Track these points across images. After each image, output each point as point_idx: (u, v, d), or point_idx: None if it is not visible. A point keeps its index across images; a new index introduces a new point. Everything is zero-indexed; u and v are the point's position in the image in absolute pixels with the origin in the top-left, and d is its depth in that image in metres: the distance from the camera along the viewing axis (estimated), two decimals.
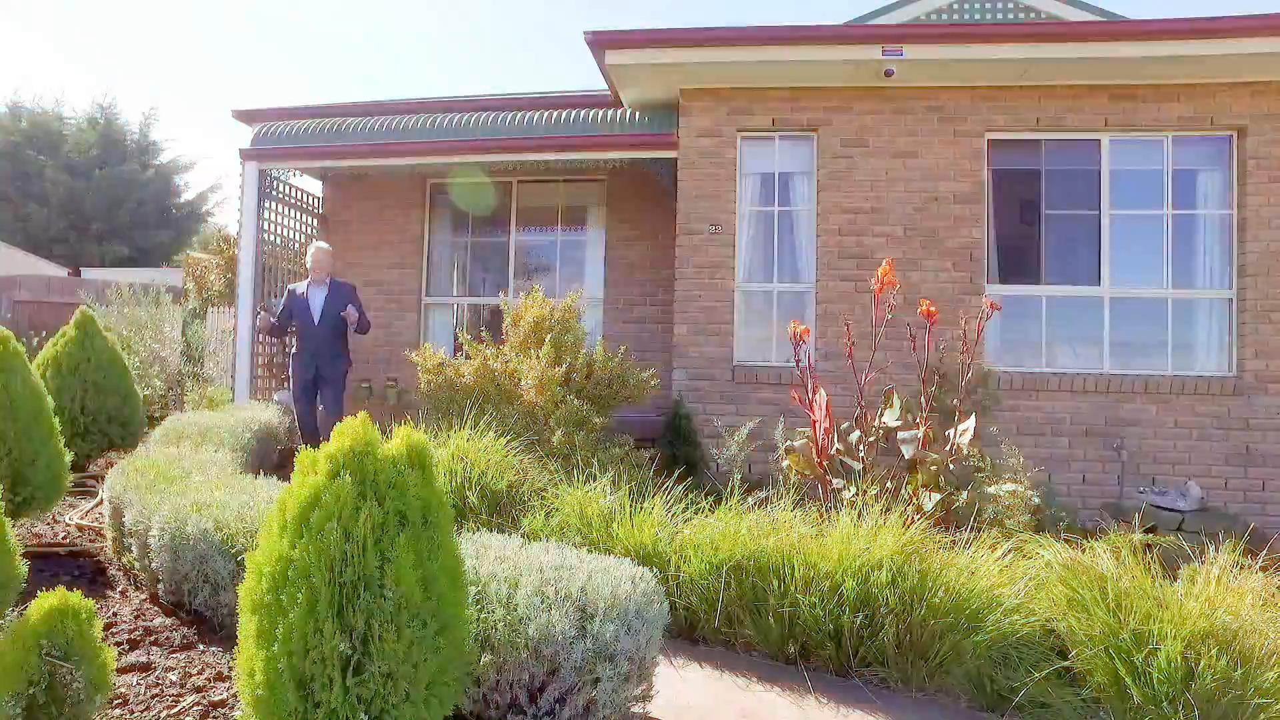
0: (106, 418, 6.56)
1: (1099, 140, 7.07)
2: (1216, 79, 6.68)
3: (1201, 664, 2.72)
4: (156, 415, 8.31)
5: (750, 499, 4.18)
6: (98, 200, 21.37)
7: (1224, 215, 6.88)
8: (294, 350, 6.75)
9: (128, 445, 6.66)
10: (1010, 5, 9.10)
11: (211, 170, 56.95)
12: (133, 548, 3.89)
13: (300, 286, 6.67)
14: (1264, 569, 3.27)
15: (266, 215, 8.17)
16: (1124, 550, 3.41)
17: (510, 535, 3.21)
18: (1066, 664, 3.17)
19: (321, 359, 6.51)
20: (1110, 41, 6.49)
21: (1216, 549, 3.46)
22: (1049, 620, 3.28)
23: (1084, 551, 3.47)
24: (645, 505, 3.98)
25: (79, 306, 7.13)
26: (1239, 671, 2.66)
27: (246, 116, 8.67)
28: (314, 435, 6.55)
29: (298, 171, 8.53)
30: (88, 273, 17.70)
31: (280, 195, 8.41)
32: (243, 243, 7.96)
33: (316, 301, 6.52)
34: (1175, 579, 3.31)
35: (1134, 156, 7.08)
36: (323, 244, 6.69)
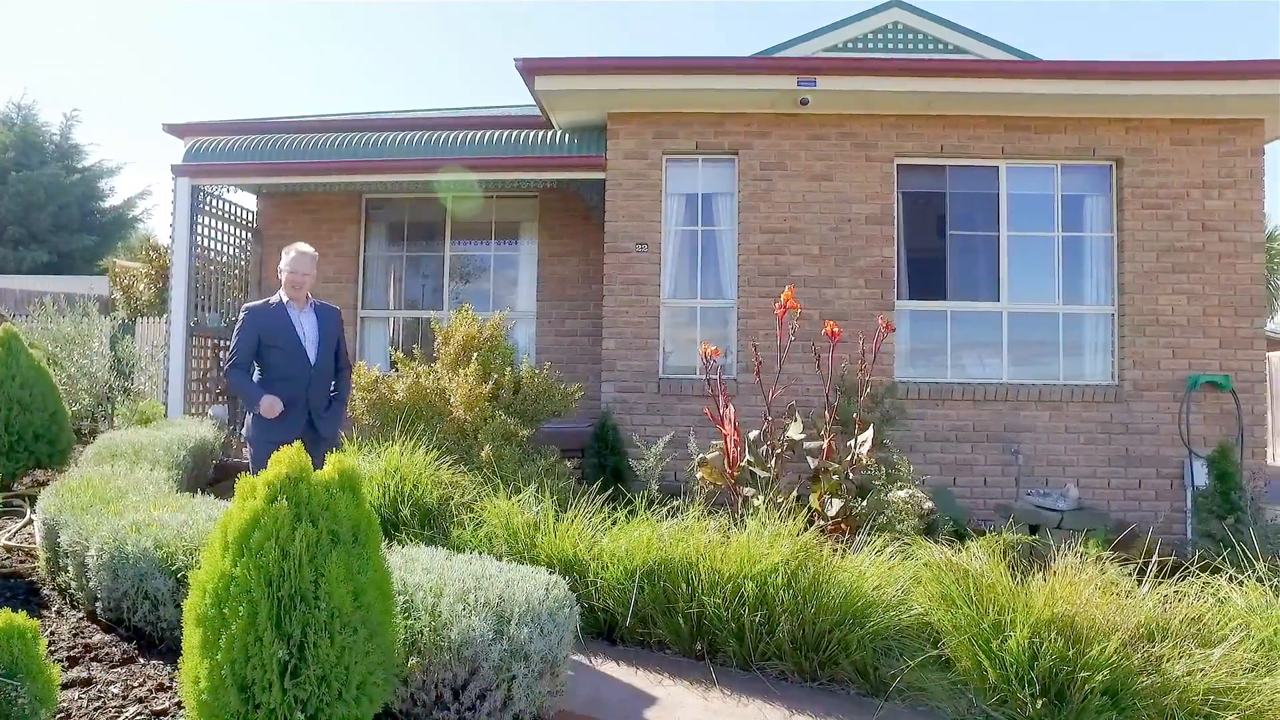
0: (33, 436, 6.55)
1: (998, 167, 7.64)
2: (1097, 114, 7.32)
3: (1044, 646, 3.15)
4: (85, 431, 8.25)
5: (666, 507, 4.51)
6: (14, 204, 20.64)
7: (1106, 238, 7.52)
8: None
9: (56, 463, 6.65)
10: (920, 37, 9.69)
11: (141, 176, 55.00)
12: (69, 568, 4.00)
13: (271, 306, 4.53)
14: (1100, 560, 3.73)
15: (200, 230, 8.19)
16: (995, 549, 3.86)
17: (439, 547, 3.46)
18: (939, 652, 3.58)
19: (315, 412, 4.44)
20: (1004, 79, 7.07)
21: (1085, 545, 3.94)
22: (925, 614, 3.68)
23: (961, 552, 3.90)
24: (567, 516, 4.28)
25: (2, 324, 7.08)
26: (1072, 650, 3.09)
27: (178, 130, 8.66)
28: None
29: (232, 186, 8.57)
30: (6, 280, 17.13)
31: (213, 210, 8.44)
32: (175, 259, 7.98)
33: (307, 330, 4.49)
34: (1048, 573, 3.75)
35: (1028, 182, 7.67)
36: (305, 247, 4.63)
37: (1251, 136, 7.29)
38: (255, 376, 4.45)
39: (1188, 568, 3.75)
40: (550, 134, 8.04)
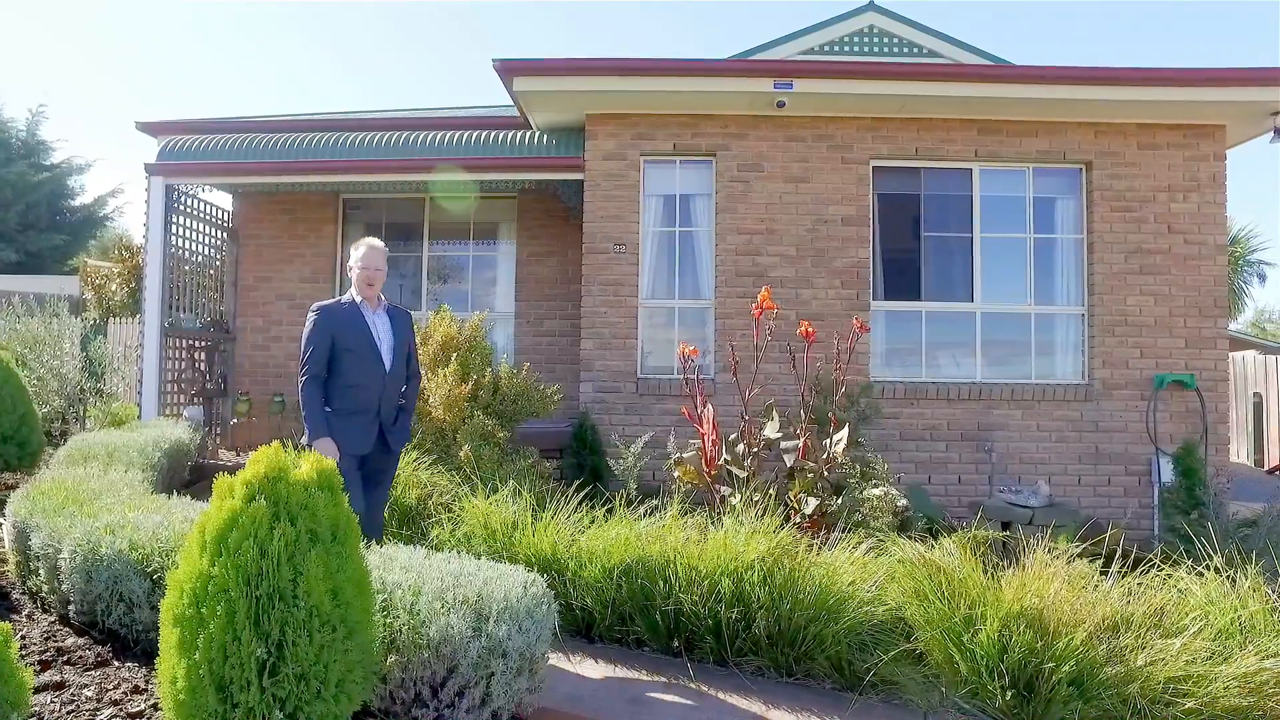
0: (2, 438, 6.46)
1: (971, 169, 7.76)
2: (1067, 119, 7.46)
3: (1013, 639, 3.22)
4: (56, 434, 8.14)
5: (645, 506, 4.55)
6: None
7: (1077, 239, 7.66)
8: (336, 405, 3.98)
9: (25, 466, 6.56)
10: (895, 41, 9.80)
11: (112, 174, 54.14)
12: (40, 571, 3.96)
13: (344, 305, 4.07)
14: (1080, 554, 3.81)
15: (174, 230, 8.11)
16: (966, 545, 3.93)
17: (418, 546, 3.47)
18: (912, 646, 3.64)
19: (387, 421, 4.11)
20: (976, 83, 7.18)
21: (1055, 540, 4.03)
22: (899, 608, 3.74)
23: (934, 548, 3.97)
24: (546, 515, 4.30)
25: None
26: (1040, 643, 3.17)
27: (152, 129, 8.56)
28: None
29: (207, 186, 8.49)
30: None
31: (188, 209, 8.36)
32: (149, 259, 7.89)
33: (382, 333, 4.08)
34: (1018, 568, 3.83)
35: (1001, 184, 7.80)
36: (376, 241, 4.14)
37: (1214, 142, 7.47)
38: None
39: (1153, 561, 3.85)
40: (529, 135, 8.05)
